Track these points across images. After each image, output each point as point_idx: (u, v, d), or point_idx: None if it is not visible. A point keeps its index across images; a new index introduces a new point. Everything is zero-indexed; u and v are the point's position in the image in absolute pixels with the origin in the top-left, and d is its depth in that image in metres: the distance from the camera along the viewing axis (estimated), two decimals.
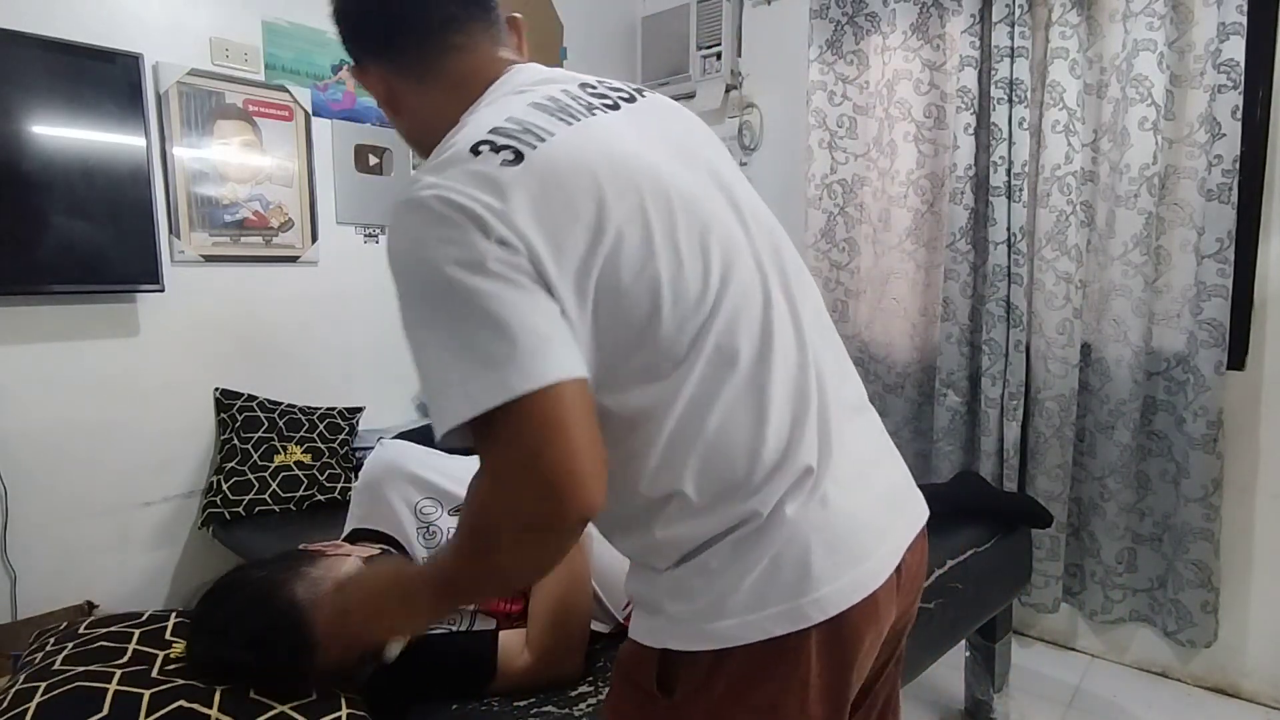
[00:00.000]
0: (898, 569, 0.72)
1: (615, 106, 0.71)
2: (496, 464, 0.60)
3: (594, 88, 0.73)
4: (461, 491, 1.15)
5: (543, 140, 0.63)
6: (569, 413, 0.58)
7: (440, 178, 0.62)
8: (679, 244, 0.64)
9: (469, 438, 0.60)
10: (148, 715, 0.81)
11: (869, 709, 0.83)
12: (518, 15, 0.79)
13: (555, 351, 0.58)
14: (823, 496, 0.67)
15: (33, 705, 0.81)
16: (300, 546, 1.09)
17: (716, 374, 0.65)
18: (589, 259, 0.61)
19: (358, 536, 1.17)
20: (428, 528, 1.14)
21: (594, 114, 0.69)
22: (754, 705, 0.66)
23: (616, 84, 0.75)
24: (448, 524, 1.15)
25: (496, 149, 0.62)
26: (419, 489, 1.17)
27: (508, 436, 0.57)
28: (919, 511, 0.79)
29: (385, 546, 1.12)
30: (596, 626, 1.18)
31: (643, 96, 0.75)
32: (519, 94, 0.70)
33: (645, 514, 0.68)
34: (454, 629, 1.10)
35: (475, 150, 0.62)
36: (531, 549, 0.62)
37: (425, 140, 0.72)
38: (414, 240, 0.63)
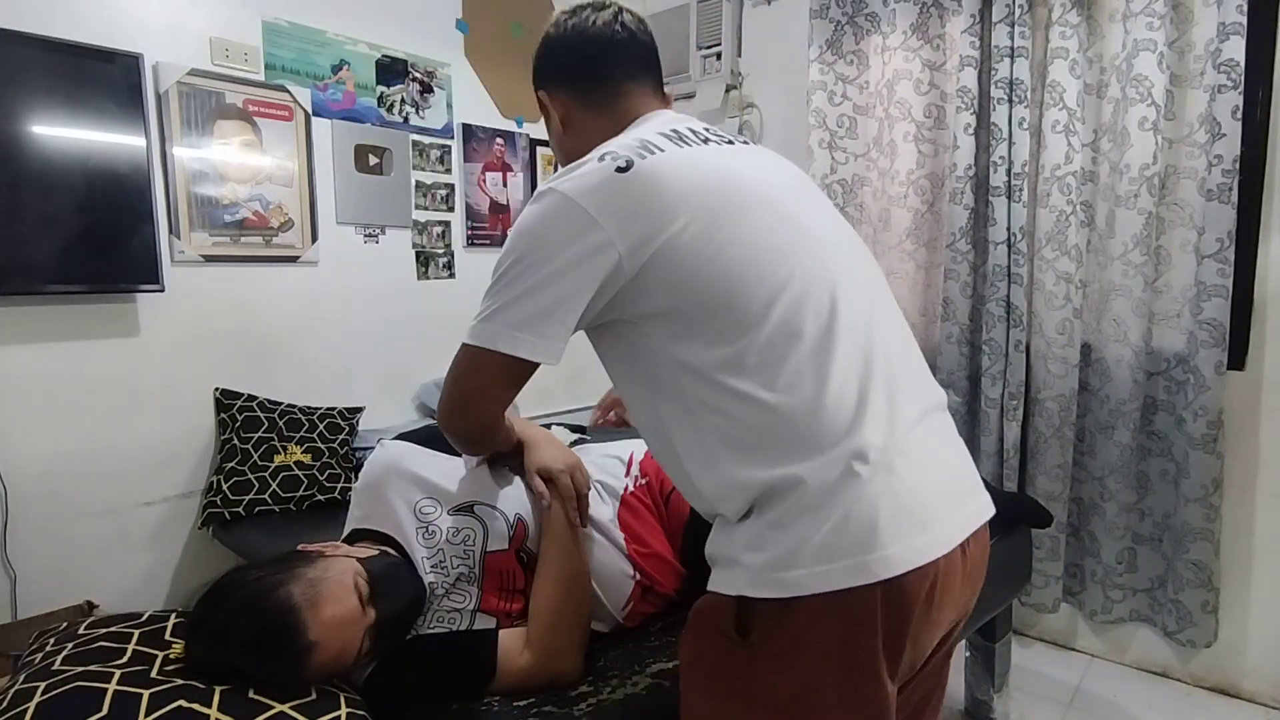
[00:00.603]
0: (964, 554, 0.80)
1: (730, 143, 0.91)
2: (451, 372, 0.88)
3: (714, 130, 0.94)
4: (460, 495, 1.16)
5: (652, 154, 0.82)
6: (498, 380, 0.85)
7: (568, 177, 0.81)
8: (753, 237, 0.80)
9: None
10: (147, 715, 0.81)
11: (910, 693, 0.89)
12: (670, 91, 1.03)
13: (541, 343, 0.80)
14: (890, 466, 0.75)
15: (32, 705, 0.81)
16: (299, 547, 1.09)
17: (782, 343, 0.77)
18: (662, 238, 0.77)
19: (357, 537, 1.17)
20: (427, 527, 1.14)
21: (706, 144, 0.88)
22: (821, 651, 0.74)
23: (733, 135, 0.96)
24: (447, 523, 1.14)
25: (615, 158, 0.80)
26: (419, 489, 1.17)
27: (465, 366, 0.85)
28: (984, 506, 0.86)
29: (385, 547, 1.12)
30: (596, 626, 1.18)
31: (750, 144, 0.97)
32: (651, 124, 0.92)
33: (723, 454, 0.78)
34: (454, 628, 1.10)
35: (601, 158, 0.82)
36: (451, 440, 0.99)
37: (576, 154, 0.88)
38: (530, 215, 0.82)
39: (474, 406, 0.90)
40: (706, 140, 0.89)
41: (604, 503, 1.25)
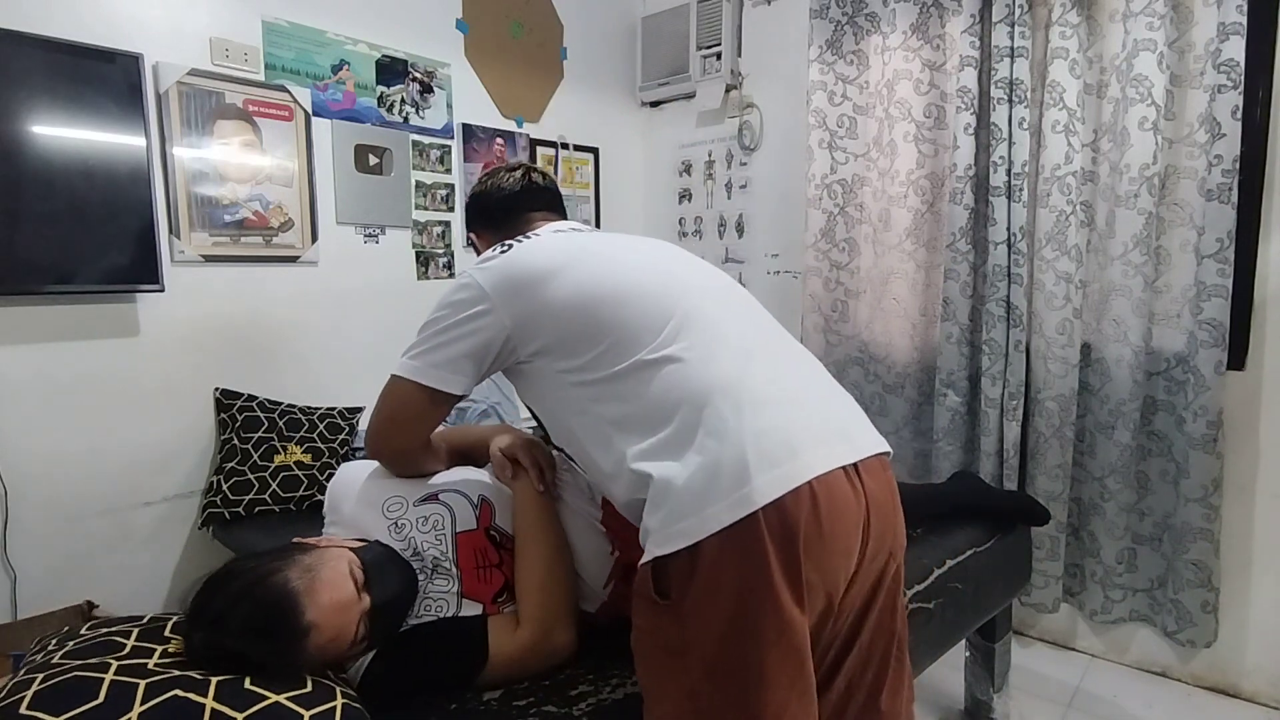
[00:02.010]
0: (855, 484, 0.90)
1: (594, 231, 1.22)
2: (379, 402, 1.11)
3: (587, 228, 1.24)
4: (422, 488, 1.22)
5: (529, 239, 1.11)
6: (416, 406, 1.08)
7: (477, 264, 1.09)
8: (598, 282, 1.02)
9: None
10: (142, 703, 0.82)
11: (864, 661, 0.99)
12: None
13: (451, 377, 1.05)
14: (753, 415, 0.89)
15: (29, 694, 0.82)
16: (294, 540, 1.11)
17: (635, 347, 0.96)
18: (530, 294, 1.02)
19: None
20: (395, 522, 1.18)
21: (575, 233, 1.16)
22: (729, 591, 0.84)
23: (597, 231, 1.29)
24: (415, 514, 1.18)
25: (504, 245, 1.10)
26: (383, 490, 1.21)
27: (393, 394, 1.10)
28: (870, 441, 0.97)
29: (374, 541, 1.16)
30: (584, 606, 1.21)
31: (618, 234, 1.22)
32: (541, 228, 1.21)
33: (614, 436, 0.96)
34: (442, 615, 1.11)
35: (496, 247, 1.12)
36: (380, 462, 1.23)
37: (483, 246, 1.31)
38: (449, 289, 1.09)
39: (397, 428, 1.12)
40: (578, 231, 1.19)
41: (584, 484, 1.28)
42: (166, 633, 1.04)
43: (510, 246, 1.09)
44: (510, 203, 1.28)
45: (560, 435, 1.09)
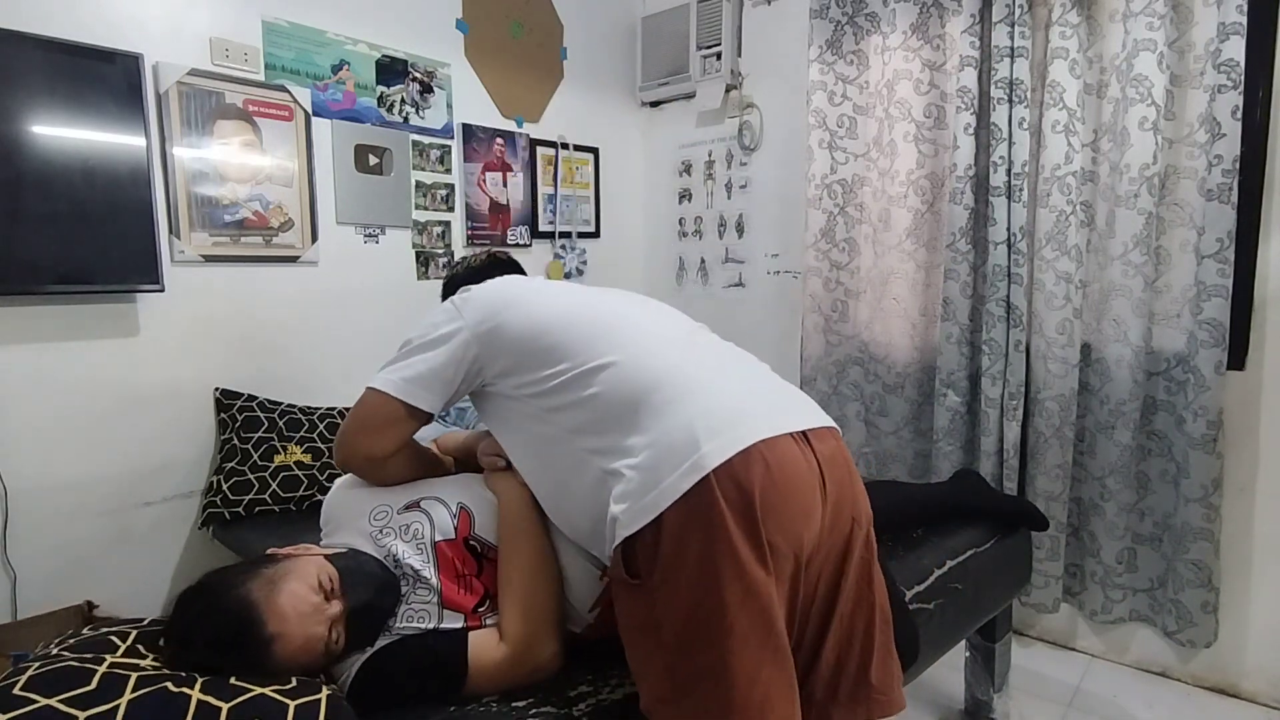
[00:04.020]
0: (806, 449, 0.96)
1: (553, 280, 1.41)
2: (352, 410, 1.16)
3: (548, 280, 1.35)
4: (404, 496, 1.23)
5: (490, 279, 1.24)
6: (388, 417, 1.13)
7: (454, 298, 1.20)
8: (559, 304, 1.14)
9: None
10: (133, 691, 0.85)
11: (848, 633, 1.01)
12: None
13: (421, 393, 1.12)
14: (697, 395, 0.97)
15: (23, 678, 0.85)
16: (268, 551, 1.12)
17: (577, 361, 1.05)
18: (501, 316, 1.12)
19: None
20: (380, 530, 1.18)
21: (532, 279, 1.29)
22: (693, 558, 0.88)
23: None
24: (398, 522, 1.19)
25: (465, 289, 1.21)
26: (369, 500, 1.22)
27: (366, 404, 1.14)
28: (816, 417, 1.04)
29: (351, 548, 1.17)
30: (569, 626, 1.18)
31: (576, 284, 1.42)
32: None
33: (573, 440, 1.04)
34: (424, 626, 1.10)
35: (467, 289, 1.22)
36: (349, 470, 1.24)
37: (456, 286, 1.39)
38: (429, 314, 1.19)
39: (364, 436, 1.15)
40: (534, 279, 1.29)
41: None
42: (162, 642, 1.05)
43: (470, 289, 1.21)
44: (477, 274, 1.45)
45: (526, 464, 1.16)
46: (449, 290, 1.50)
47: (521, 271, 1.55)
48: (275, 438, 2.06)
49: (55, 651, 0.96)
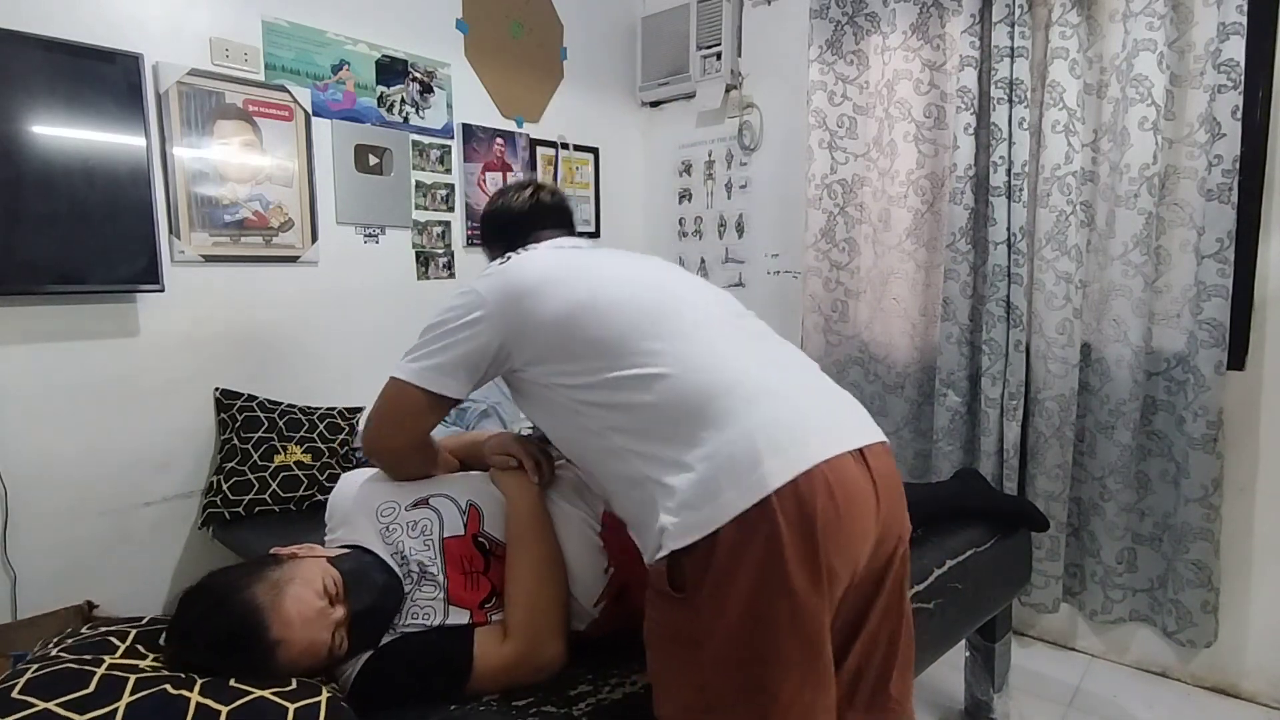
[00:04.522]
0: (865, 468, 0.92)
1: (592, 250, 1.21)
2: (376, 402, 1.13)
3: (586, 245, 1.25)
4: (414, 493, 1.22)
5: (526, 252, 1.16)
6: (413, 407, 1.10)
7: (479, 276, 1.13)
8: (599, 289, 1.05)
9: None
10: (131, 695, 0.84)
11: (872, 642, 1.00)
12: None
13: (447, 380, 1.08)
14: (759, 407, 0.91)
15: (21, 681, 0.85)
16: (271, 551, 1.12)
17: (622, 359, 0.98)
18: (530, 302, 1.05)
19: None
20: (387, 527, 1.18)
21: (576, 250, 1.18)
22: (745, 577, 0.84)
23: (598, 247, 1.29)
24: (405, 519, 1.18)
25: (504, 258, 1.15)
26: (377, 496, 1.22)
27: (389, 394, 1.12)
28: (871, 430, 0.99)
29: (356, 549, 1.16)
30: (573, 624, 1.19)
31: (615, 250, 1.26)
32: (543, 242, 1.25)
33: (627, 444, 0.97)
34: (429, 623, 1.11)
35: (496, 259, 1.17)
36: (374, 461, 1.24)
37: (490, 254, 1.35)
38: (451, 297, 1.12)
39: (392, 428, 1.13)
40: (578, 249, 1.20)
41: (587, 497, 1.26)
42: (161, 640, 1.05)
43: (509, 259, 1.13)
44: (519, 221, 1.32)
45: (563, 444, 1.12)
46: (488, 230, 1.38)
47: (567, 219, 1.37)
48: (275, 438, 2.06)
49: (54, 652, 0.96)
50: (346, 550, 1.13)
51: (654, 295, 1.06)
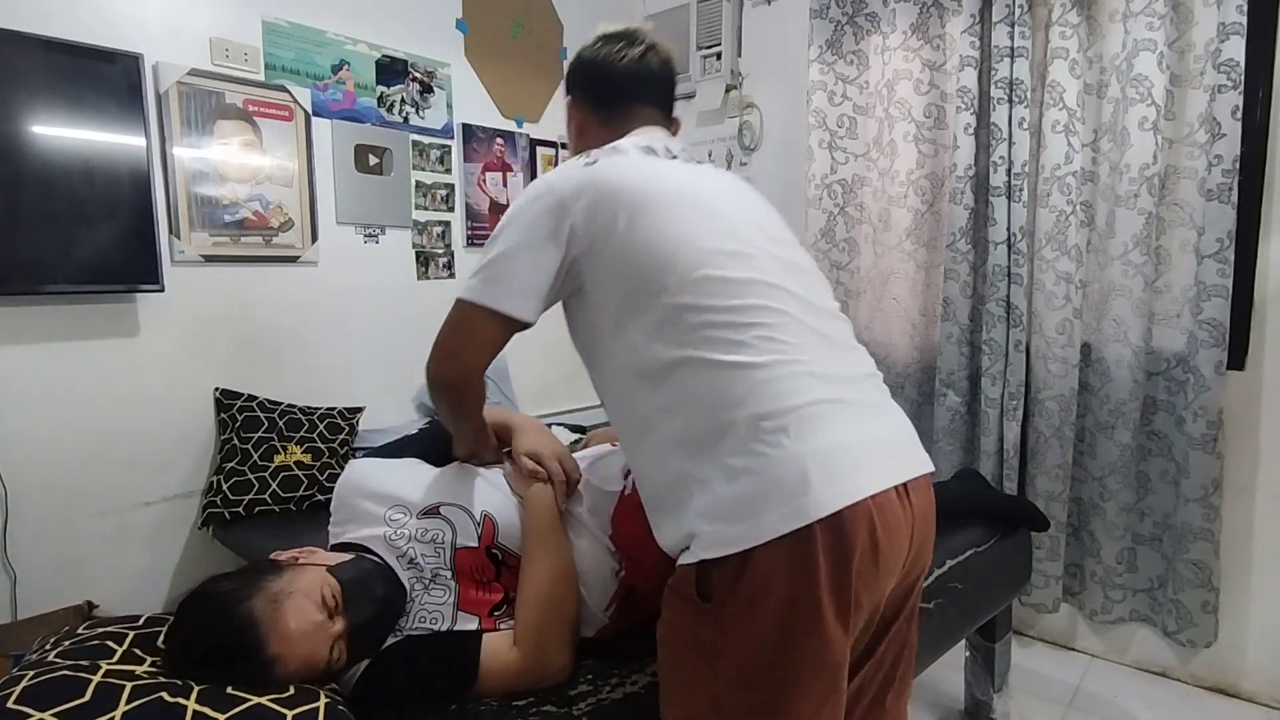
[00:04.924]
0: (905, 502, 0.89)
1: (689, 163, 1.08)
2: (443, 327, 1.01)
3: (684, 152, 1.10)
4: (424, 499, 1.20)
5: (616, 156, 1.01)
6: (477, 330, 0.98)
7: (554, 171, 1.00)
8: (676, 227, 0.93)
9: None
10: (127, 703, 0.84)
11: (877, 665, 0.98)
12: (679, 119, 1.23)
13: (515, 299, 0.95)
14: (818, 433, 0.85)
15: (17, 690, 0.84)
16: (271, 556, 1.11)
17: (698, 322, 0.89)
18: (605, 219, 0.93)
19: (336, 549, 1.19)
20: (395, 531, 1.16)
21: (671, 159, 1.05)
22: (775, 602, 0.81)
23: (701, 159, 1.12)
24: (415, 526, 1.17)
25: (589, 158, 1.00)
26: (383, 501, 1.20)
27: (452, 317, 1.00)
28: (919, 460, 0.95)
29: (359, 553, 1.15)
30: (581, 630, 1.18)
31: (708, 166, 1.12)
32: (634, 138, 1.09)
33: (653, 418, 0.91)
34: (436, 627, 1.10)
35: (579, 157, 1.01)
36: (433, 391, 1.06)
37: (572, 145, 1.18)
38: (520, 199, 1.00)
39: (460, 355, 1.01)
40: (673, 157, 1.07)
41: (598, 501, 1.25)
42: (160, 641, 1.04)
43: (595, 162, 0.99)
44: (621, 85, 1.14)
45: (605, 400, 1.03)
46: (578, 82, 1.18)
47: (669, 98, 1.18)
48: (275, 438, 2.06)
49: (51, 656, 0.95)
50: (348, 557, 1.12)
51: (759, 265, 0.94)
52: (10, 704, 0.82)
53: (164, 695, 0.86)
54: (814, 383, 0.88)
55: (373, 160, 2.39)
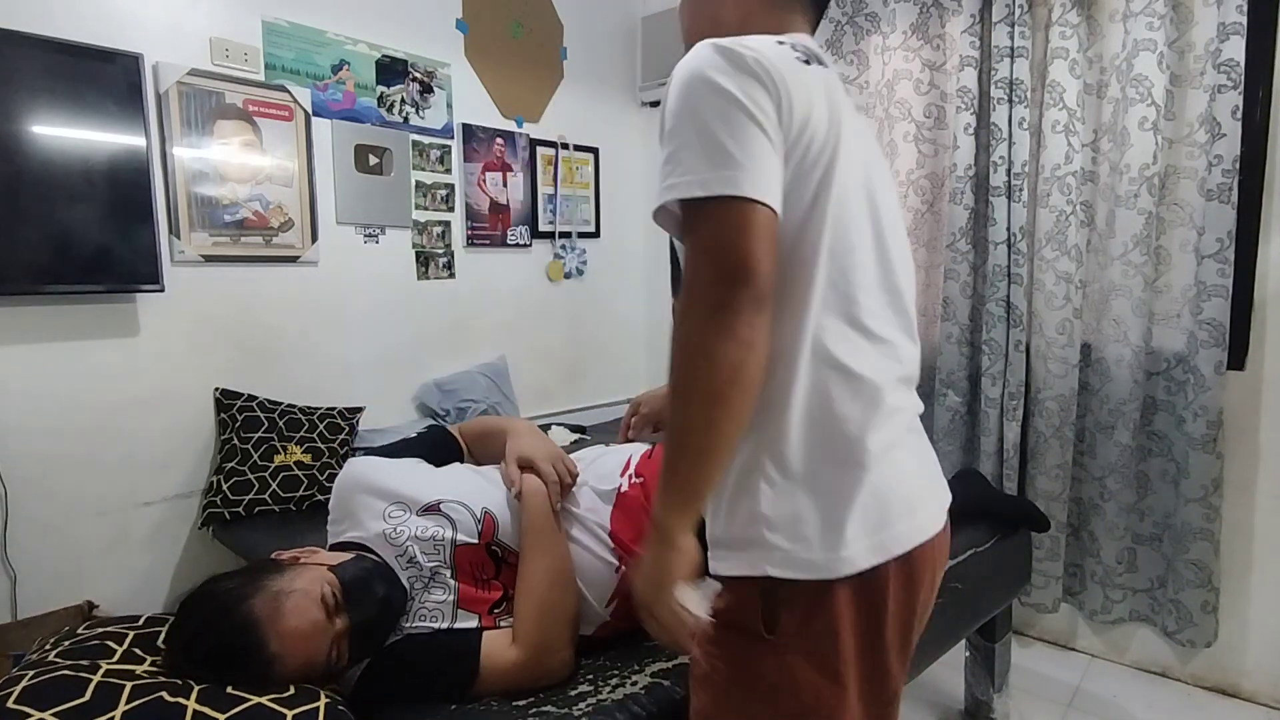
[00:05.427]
0: (940, 538, 0.84)
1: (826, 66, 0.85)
2: (703, 243, 0.70)
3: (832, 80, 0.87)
4: (425, 496, 1.19)
5: (820, 63, 0.81)
6: (761, 225, 0.69)
7: (744, 43, 0.74)
8: (846, 184, 0.77)
9: (672, 222, 0.74)
10: (127, 703, 0.84)
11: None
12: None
13: (771, 183, 0.71)
14: (903, 459, 0.79)
15: (17, 689, 0.84)
16: (273, 555, 1.11)
17: (840, 313, 0.77)
18: (805, 140, 0.74)
19: (336, 548, 1.19)
20: (394, 529, 1.16)
21: (828, 66, 0.84)
22: (850, 634, 0.75)
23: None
24: (415, 524, 1.17)
25: (796, 48, 0.78)
26: (384, 497, 1.20)
27: (716, 223, 0.69)
28: (947, 494, 0.91)
29: (359, 552, 1.15)
30: (582, 629, 1.18)
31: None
32: (802, 39, 0.86)
33: (787, 398, 0.75)
34: (436, 625, 1.10)
35: (779, 43, 0.77)
36: (717, 334, 0.68)
37: (709, 30, 0.82)
38: (708, 64, 0.73)
39: (726, 286, 0.68)
40: (839, 95, 0.85)
41: (595, 499, 1.25)
42: (160, 641, 1.04)
43: (797, 49, 0.79)
44: None
45: None
46: None
47: (818, 11, 0.94)
48: (275, 438, 2.06)
49: (51, 656, 0.95)
50: (349, 556, 1.12)
51: (891, 255, 0.82)
52: (10, 704, 0.82)
53: (164, 695, 0.86)
54: (906, 401, 0.83)
55: (373, 160, 2.39)
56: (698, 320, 0.68)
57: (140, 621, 1.10)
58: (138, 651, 1.00)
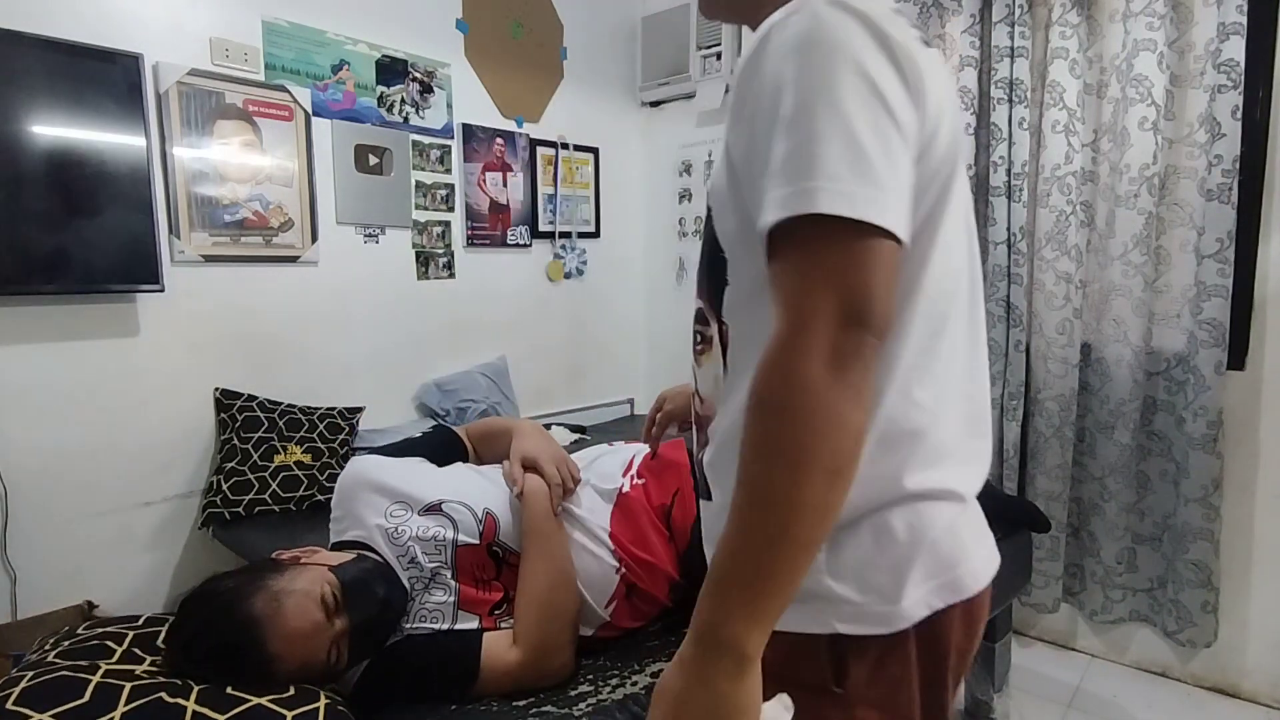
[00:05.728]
0: None
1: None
2: (824, 269, 0.53)
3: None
4: (427, 496, 1.19)
5: (928, 46, 0.65)
6: (894, 267, 0.55)
7: (877, 10, 0.57)
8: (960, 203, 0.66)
9: (761, 243, 0.56)
10: (126, 704, 0.84)
11: None
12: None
13: (906, 214, 0.56)
14: (967, 488, 0.71)
15: (17, 690, 0.84)
16: (274, 554, 1.11)
17: (941, 325, 0.66)
18: (923, 161, 0.59)
19: (337, 547, 1.19)
20: (396, 528, 1.16)
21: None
22: (918, 677, 0.67)
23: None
24: (417, 524, 1.17)
25: (904, 18, 0.61)
26: (387, 496, 1.20)
27: (851, 253, 0.53)
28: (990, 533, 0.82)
29: (360, 552, 1.14)
30: (583, 630, 1.18)
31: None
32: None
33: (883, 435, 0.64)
34: (437, 626, 1.10)
35: (896, 11, 0.60)
36: (843, 392, 0.52)
37: None
38: (847, 33, 0.55)
39: (878, 318, 0.54)
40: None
41: (596, 500, 1.25)
42: (160, 641, 1.04)
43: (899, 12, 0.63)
44: None
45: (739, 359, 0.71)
46: None
47: None
48: (275, 438, 2.06)
49: (50, 656, 0.95)
50: (350, 556, 1.12)
51: (971, 270, 0.71)
52: (10, 704, 0.82)
53: (163, 695, 0.86)
54: (971, 434, 0.74)
55: (373, 160, 2.39)
56: (818, 366, 0.51)
57: (140, 621, 1.10)
58: (137, 651, 1.01)
